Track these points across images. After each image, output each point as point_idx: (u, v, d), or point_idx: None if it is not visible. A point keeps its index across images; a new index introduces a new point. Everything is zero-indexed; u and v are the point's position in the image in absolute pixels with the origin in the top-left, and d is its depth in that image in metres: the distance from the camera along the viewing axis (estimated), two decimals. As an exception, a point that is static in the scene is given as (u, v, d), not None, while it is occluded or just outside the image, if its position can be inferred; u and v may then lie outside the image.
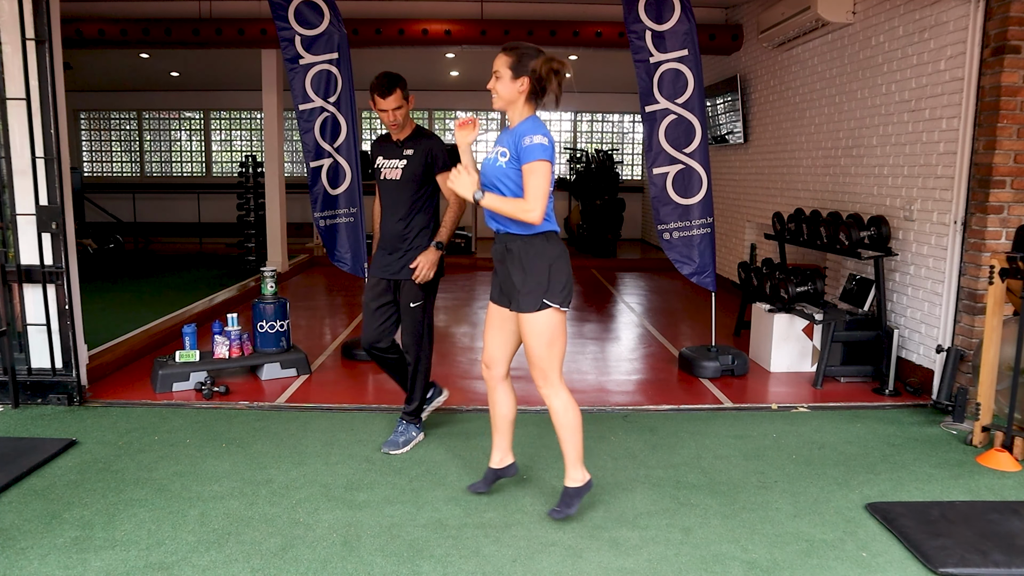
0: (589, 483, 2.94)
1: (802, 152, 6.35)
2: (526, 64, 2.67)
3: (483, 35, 7.48)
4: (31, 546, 2.67)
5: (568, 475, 2.91)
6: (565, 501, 2.90)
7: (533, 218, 2.63)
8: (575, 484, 2.90)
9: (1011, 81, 3.97)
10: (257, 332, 4.83)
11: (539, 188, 2.62)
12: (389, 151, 3.58)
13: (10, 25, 3.93)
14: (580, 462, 2.90)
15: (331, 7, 5.13)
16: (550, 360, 2.78)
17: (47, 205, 4.07)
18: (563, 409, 2.81)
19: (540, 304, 2.72)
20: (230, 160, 14.06)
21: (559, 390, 2.80)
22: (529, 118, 2.73)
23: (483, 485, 3.12)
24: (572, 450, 2.87)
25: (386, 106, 3.44)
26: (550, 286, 2.73)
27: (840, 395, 4.59)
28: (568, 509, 2.89)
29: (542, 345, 2.76)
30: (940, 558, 2.62)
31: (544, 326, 2.75)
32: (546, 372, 2.79)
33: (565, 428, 2.83)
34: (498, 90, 2.71)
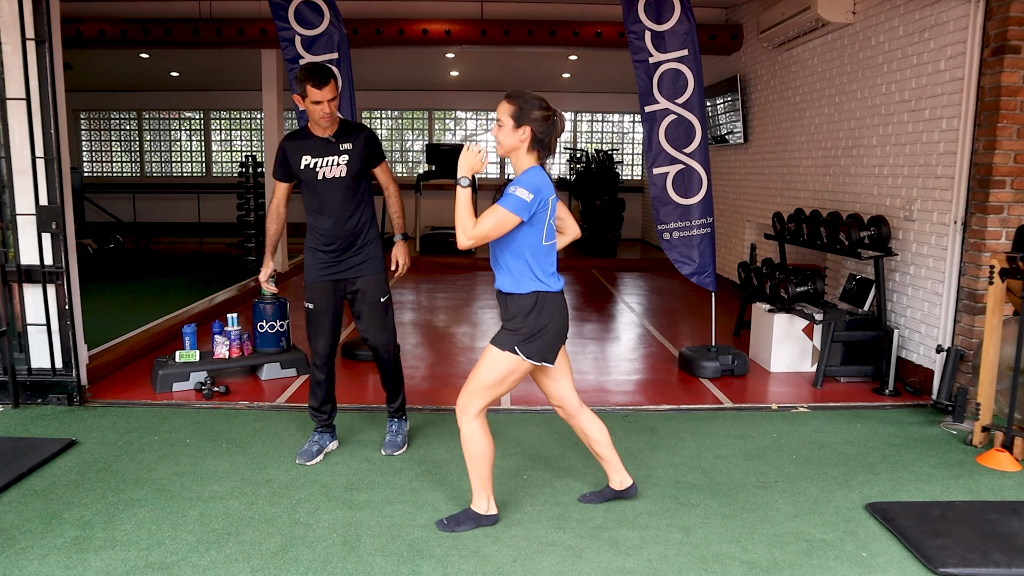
0: (493, 517, 2.87)
1: (802, 152, 6.35)
2: (528, 113, 2.63)
3: (483, 35, 7.47)
4: (31, 546, 2.67)
5: (473, 499, 2.87)
6: (458, 517, 2.87)
7: (461, 243, 2.62)
8: (478, 510, 2.86)
9: (1011, 81, 3.97)
10: (257, 332, 4.83)
11: (487, 227, 2.59)
12: (319, 149, 3.34)
13: (10, 25, 3.93)
14: (485, 492, 2.84)
15: (331, 7, 5.13)
16: (483, 395, 2.74)
17: (47, 205, 4.07)
18: (469, 438, 2.77)
19: (511, 348, 2.70)
20: (230, 160, 14.06)
21: (471, 419, 2.76)
22: (531, 169, 2.66)
23: (597, 499, 3.08)
24: (476, 478, 2.83)
25: (322, 97, 3.21)
26: (530, 338, 2.69)
27: (840, 395, 4.59)
28: (456, 526, 2.84)
29: (488, 380, 2.73)
30: (940, 558, 2.62)
31: (502, 367, 2.71)
32: (470, 403, 2.75)
33: (469, 456, 2.80)
34: (500, 139, 2.67)
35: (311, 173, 3.35)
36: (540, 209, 2.64)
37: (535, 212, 2.62)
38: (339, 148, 3.36)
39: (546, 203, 2.65)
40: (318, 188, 3.37)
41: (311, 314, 3.49)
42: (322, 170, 3.34)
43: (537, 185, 2.61)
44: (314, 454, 3.50)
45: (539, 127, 2.65)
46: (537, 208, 2.62)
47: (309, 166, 3.35)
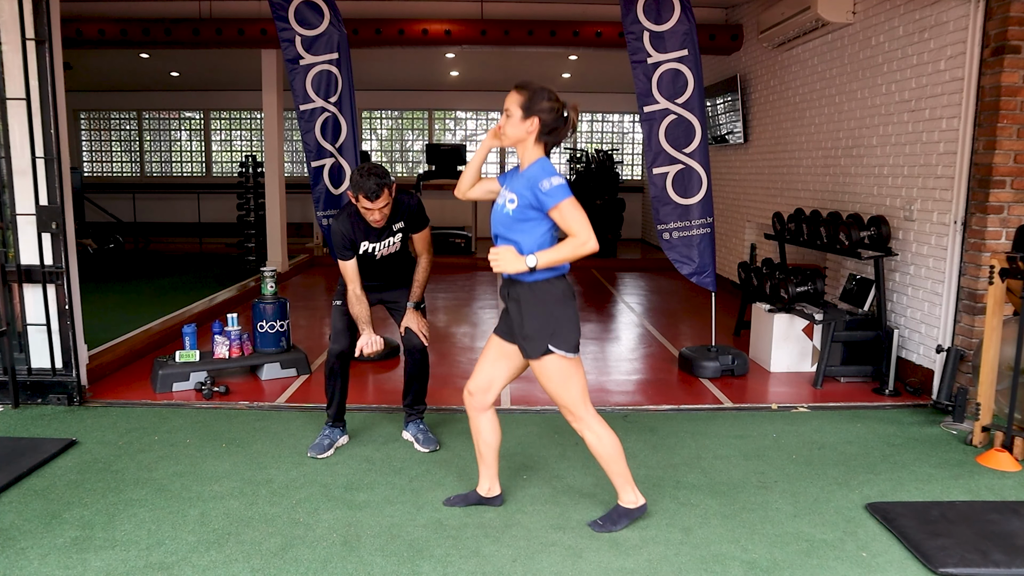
0: (643, 507, 2.88)
1: (802, 152, 6.35)
2: (537, 104, 2.63)
3: (483, 35, 7.47)
4: (31, 546, 2.67)
5: (620, 496, 2.88)
6: (612, 517, 2.88)
7: (592, 247, 2.58)
8: (627, 505, 2.87)
9: (1011, 81, 3.97)
10: (257, 332, 4.83)
11: (581, 220, 2.58)
12: (373, 234, 3.51)
13: (10, 25, 3.93)
14: (629, 484, 2.86)
15: (331, 7, 5.13)
16: (571, 398, 2.74)
17: (47, 205, 4.07)
18: (596, 441, 2.78)
19: (545, 349, 2.69)
20: (230, 160, 14.06)
21: (589, 423, 2.77)
22: (538, 161, 2.66)
23: (461, 502, 3.06)
24: (617, 476, 2.84)
25: (374, 207, 3.32)
26: (555, 332, 2.68)
27: (840, 395, 4.59)
28: (612, 526, 2.86)
29: (558, 387, 2.74)
30: (940, 558, 2.62)
31: (554, 370, 2.71)
32: (571, 409, 2.77)
33: (603, 458, 2.81)
34: (507, 129, 2.67)
35: (370, 255, 3.58)
36: None
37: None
38: (392, 229, 3.56)
39: None
40: (374, 261, 3.62)
41: (338, 310, 3.60)
42: (380, 252, 3.58)
43: (555, 171, 2.62)
44: (325, 448, 3.56)
45: (547, 118, 2.64)
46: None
47: (368, 251, 3.57)
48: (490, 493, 3.04)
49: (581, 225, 2.57)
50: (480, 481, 3.05)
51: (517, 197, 2.65)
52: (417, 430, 3.73)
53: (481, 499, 3.04)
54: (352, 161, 5.31)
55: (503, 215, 2.69)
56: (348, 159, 5.29)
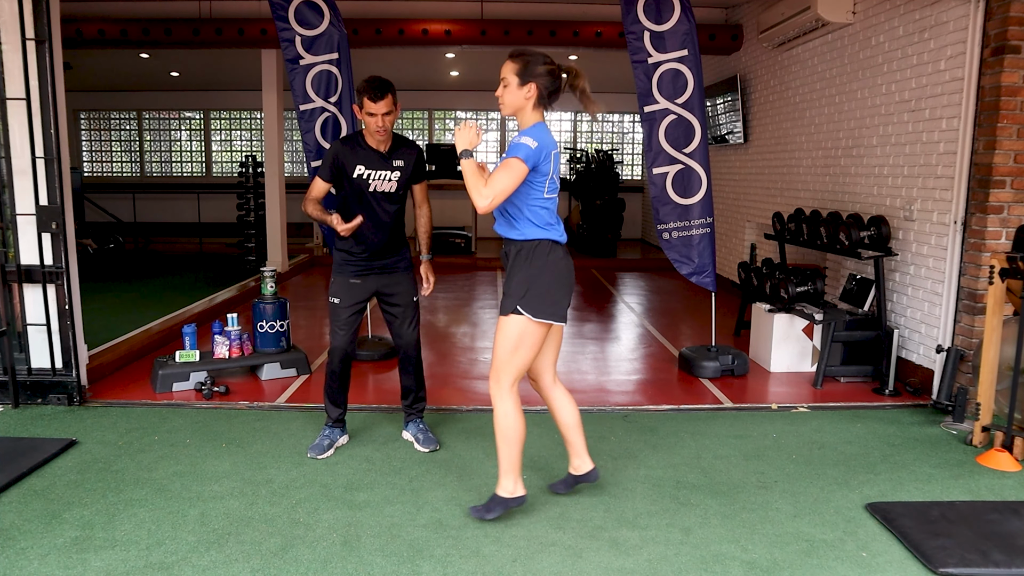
0: (520, 499, 2.87)
1: (802, 152, 6.35)
2: (533, 70, 2.66)
3: (483, 35, 7.47)
4: (31, 546, 2.67)
5: (499, 482, 2.87)
6: (488, 505, 2.87)
7: (479, 206, 2.61)
8: (503, 493, 2.86)
9: (1011, 81, 3.97)
10: (257, 332, 4.83)
11: (500, 181, 2.60)
12: (373, 161, 3.43)
13: (10, 25, 3.93)
14: (512, 473, 2.84)
15: (331, 7, 5.13)
16: (508, 365, 2.76)
17: (47, 205, 4.07)
18: (503, 415, 2.78)
19: (513, 309, 2.71)
20: (230, 160, 14.07)
21: (505, 396, 2.77)
22: (535, 124, 2.70)
23: (563, 487, 3.10)
24: (504, 459, 2.83)
25: (377, 110, 3.30)
26: (527, 294, 2.70)
27: (840, 395, 4.59)
28: (487, 513, 2.84)
29: (505, 349, 2.75)
30: (940, 558, 2.62)
31: (512, 332, 2.73)
32: (499, 375, 2.77)
33: (501, 435, 2.80)
34: (505, 98, 2.70)
35: (362, 183, 3.45)
36: (543, 161, 2.67)
37: (539, 162, 2.65)
38: (392, 164, 3.47)
39: (549, 155, 2.69)
40: (365, 198, 3.46)
41: (335, 308, 3.55)
42: (374, 183, 3.45)
43: (541, 136, 2.64)
44: (325, 448, 3.56)
45: (544, 83, 2.68)
46: (540, 159, 2.65)
47: (362, 176, 3.43)
48: (580, 470, 3.06)
49: (495, 184, 2.61)
50: (571, 459, 3.07)
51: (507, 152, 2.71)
52: (417, 430, 3.73)
53: (576, 479, 3.07)
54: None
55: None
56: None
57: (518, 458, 2.84)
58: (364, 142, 3.45)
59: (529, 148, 2.61)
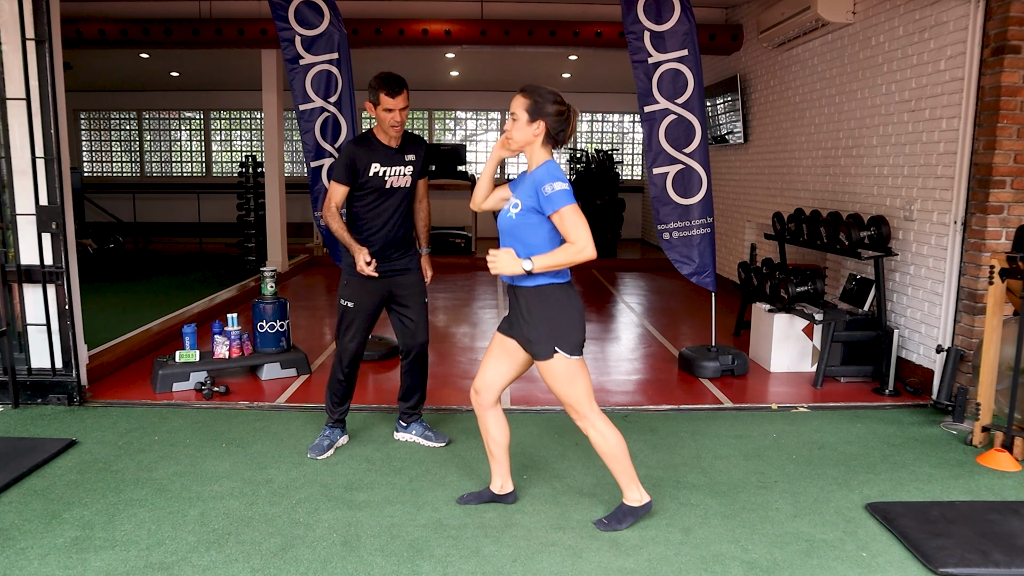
0: (647, 505, 2.88)
1: (802, 152, 6.35)
2: (542, 108, 2.64)
3: (483, 35, 7.47)
4: (31, 546, 2.67)
5: (625, 494, 2.88)
6: (617, 516, 2.88)
7: (589, 254, 2.58)
8: (631, 503, 2.88)
9: (1011, 81, 3.97)
10: (257, 332, 4.83)
11: (580, 227, 2.58)
12: (386, 157, 3.44)
13: (10, 25, 3.93)
14: (634, 483, 2.86)
15: (331, 7, 5.13)
16: (576, 397, 2.76)
17: (47, 205, 4.07)
18: (600, 439, 2.79)
19: (552, 352, 2.71)
20: (230, 160, 14.07)
21: (593, 421, 2.78)
22: (544, 164, 2.67)
23: (475, 499, 3.07)
24: (621, 474, 2.84)
25: (395, 105, 3.32)
26: (559, 335, 2.70)
27: (840, 395, 4.59)
28: (618, 524, 2.86)
29: (564, 386, 2.75)
30: (940, 558, 2.61)
31: (560, 370, 2.73)
32: (575, 408, 2.78)
33: (607, 456, 2.82)
34: (513, 133, 2.68)
35: (380, 181, 3.45)
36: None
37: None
38: (404, 158, 3.47)
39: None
40: (383, 195, 3.46)
41: (348, 312, 3.52)
42: (390, 179, 3.46)
43: (561, 175, 2.64)
44: (325, 448, 3.55)
45: (553, 122, 2.66)
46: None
47: (379, 174, 3.43)
48: (503, 490, 3.05)
49: (580, 232, 2.58)
50: (492, 479, 3.06)
51: (521, 201, 2.68)
52: (424, 428, 3.74)
53: (495, 496, 3.05)
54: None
55: (507, 219, 2.72)
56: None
57: (631, 467, 2.85)
58: (376, 140, 3.45)
59: (569, 192, 2.60)
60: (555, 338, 2.70)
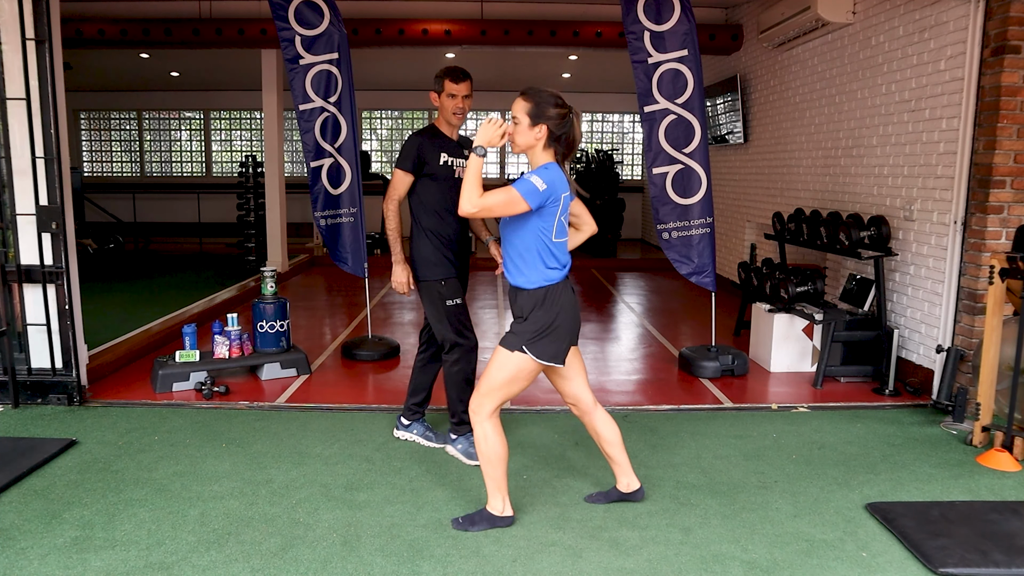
0: (508, 519, 2.85)
1: (802, 152, 6.35)
2: (544, 111, 2.64)
3: (483, 35, 7.47)
4: (31, 546, 2.67)
5: (488, 500, 2.86)
6: (473, 517, 2.86)
7: (463, 208, 2.60)
8: (493, 511, 2.84)
9: (1011, 81, 3.97)
10: (257, 332, 4.83)
11: (494, 200, 2.59)
12: (453, 149, 3.47)
13: (10, 25, 3.93)
14: (500, 493, 2.83)
15: (331, 7, 5.13)
16: (494, 395, 2.74)
17: (47, 205, 4.07)
18: (483, 439, 2.77)
19: (519, 347, 2.70)
20: (230, 160, 14.07)
21: (485, 421, 2.76)
22: (546, 164, 2.67)
23: (603, 499, 3.06)
24: (490, 479, 2.81)
25: (459, 91, 3.36)
26: (538, 338, 2.70)
27: (840, 395, 4.59)
28: (470, 525, 2.83)
29: (497, 381, 2.73)
30: (940, 558, 2.61)
31: (511, 366, 2.72)
32: (483, 403, 2.75)
33: (484, 458, 2.79)
34: (515, 137, 2.68)
35: (449, 171, 3.44)
36: (551, 203, 2.64)
37: (545, 204, 2.63)
38: (464, 152, 3.51)
39: (558, 199, 2.65)
40: (450, 185, 3.45)
41: (459, 308, 3.46)
42: (457, 169, 3.46)
43: (552, 179, 2.62)
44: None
45: (555, 125, 2.66)
46: (548, 201, 2.62)
47: (448, 163, 3.44)
48: (629, 488, 3.03)
49: (488, 198, 2.60)
50: (618, 479, 3.04)
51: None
52: (424, 428, 3.74)
53: (622, 495, 3.05)
54: (352, 161, 5.30)
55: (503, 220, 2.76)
56: (348, 159, 5.29)
57: (503, 477, 2.83)
58: (439, 132, 3.50)
59: (535, 188, 2.58)
60: (529, 339, 2.70)
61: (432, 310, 3.49)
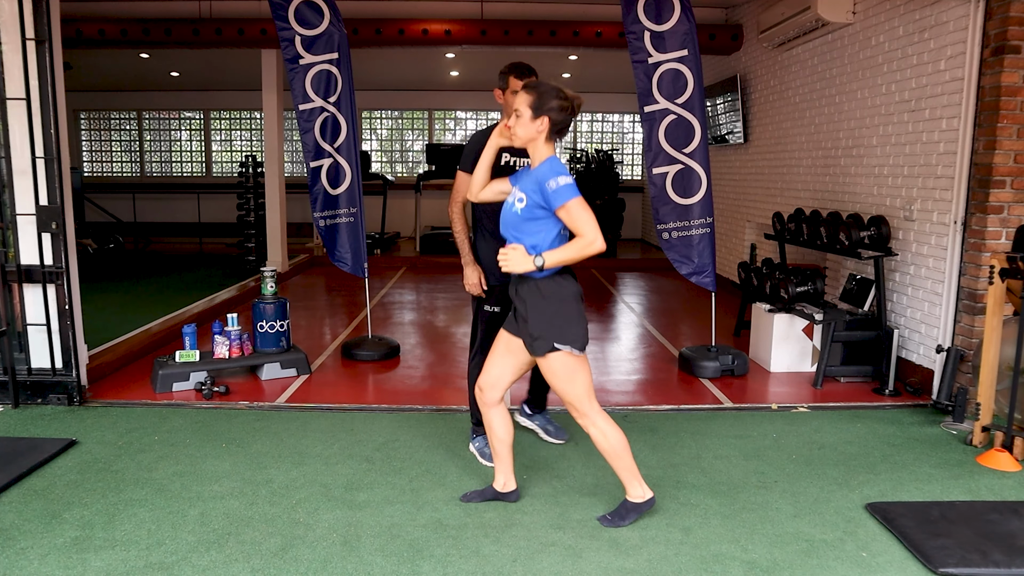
0: (651, 500, 2.89)
1: (802, 152, 6.35)
2: (546, 104, 2.64)
3: (483, 35, 7.47)
4: (31, 546, 2.67)
5: (628, 491, 2.89)
6: (620, 512, 2.89)
7: (599, 247, 2.59)
8: (634, 499, 2.88)
9: (1011, 81, 3.97)
10: (257, 332, 4.83)
11: (588, 220, 2.58)
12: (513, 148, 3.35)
13: (10, 25, 3.93)
14: (636, 479, 2.86)
15: (331, 7, 5.13)
16: (575, 394, 2.77)
17: (47, 205, 4.07)
18: (600, 436, 2.80)
19: (551, 347, 2.71)
20: (230, 160, 14.06)
21: (594, 419, 2.79)
22: (547, 160, 2.68)
23: (478, 497, 3.07)
24: (623, 471, 2.85)
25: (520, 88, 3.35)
26: (560, 330, 2.71)
27: (840, 395, 4.59)
28: (620, 521, 2.87)
29: (564, 383, 2.76)
30: (940, 558, 2.61)
31: (559, 367, 2.74)
32: (575, 405, 2.79)
33: (608, 454, 2.82)
34: (517, 130, 2.68)
35: (509, 170, 3.39)
36: None
37: None
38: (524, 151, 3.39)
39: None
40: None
41: (496, 317, 3.45)
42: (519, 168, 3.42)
43: (564, 169, 2.64)
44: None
45: (557, 117, 2.67)
46: None
47: (509, 163, 3.40)
48: (505, 488, 3.05)
49: (588, 225, 2.58)
50: (496, 476, 3.06)
51: (526, 196, 2.68)
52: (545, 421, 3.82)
53: (497, 494, 3.05)
54: (351, 161, 5.30)
55: (512, 214, 2.73)
56: (347, 159, 5.29)
57: (634, 464, 2.85)
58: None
59: (574, 186, 2.60)
60: (555, 334, 2.71)
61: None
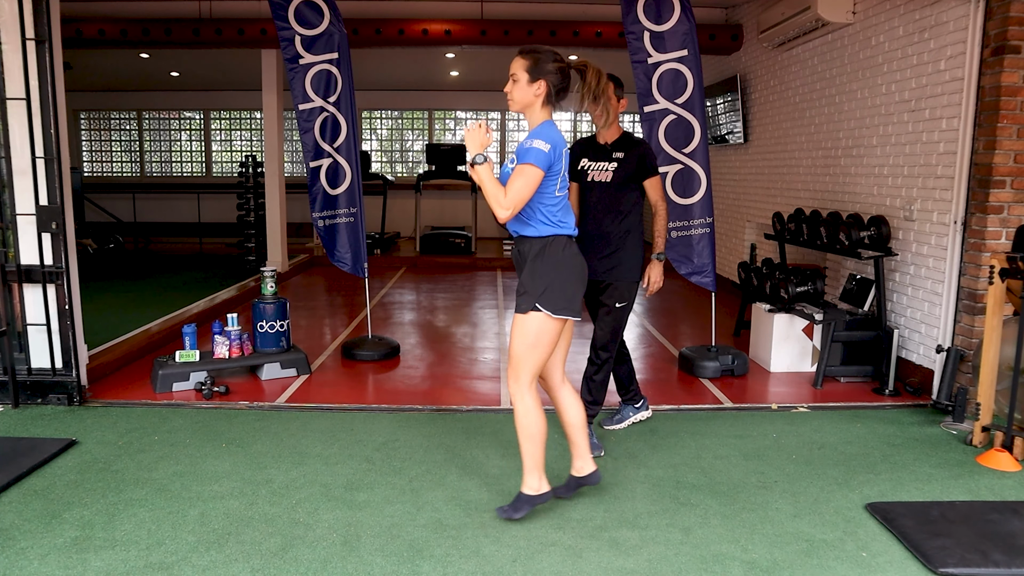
0: (546, 495, 2.88)
1: (802, 152, 6.35)
2: (543, 67, 2.67)
3: (483, 35, 7.47)
4: (31, 546, 2.67)
5: (524, 480, 2.88)
6: (514, 504, 2.88)
7: (500, 216, 2.65)
8: (528, 491, 2.87)
9: (1011, 81, 3.97)
10: (257, 332, 4.83)
11: (519, 191, 2.62)
12: (596, 153, 3.55)
13: (10, 25, 3.93)
14: (537, 470, 2.86)
15: (331, 7, 5.13)
16: (526, 362, 2.77)
17: (47, 205, 4.07)
18: (524, 413, 2.79)
19: (532, 307, 2.72)
20: (230, 160, 14.07)
21: (525, 394, 2.78)
22: (543, 123, 2.71)
23: (565, 491, 3.06)
24: (528, 457, 2.84)
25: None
26: (546, 291, 2.72)
27: (840, 395, 4.59)
28: (514, 512, 2.86)
29: (524, 346, 2.76)
30: (940, 558, 2.62)
31: (531, 329, 2.74)
32: (519, 373, 2.78)
33: (523, 432, 2.81)
34: (514, 94, 2.71)
35: (582, 175, 3.56)
36: (556, 160, 2.68)
37: (552, 162, 2.66)
38: (611, 155, 3.54)
39: (561, 154, 2.70)
40: (585, 188, 3.57)
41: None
42: (592, 173, 3.54)
43: (552, 136, 2.66)
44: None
45: (554, 80, 2.70)
46: (553, 159, 2.66)
47: (582, 168, 3.57)
48: (582, 472, 3.04)
49: (514, 194, 2.62)
50: (573, 461, 3.05)
51: (517, 156, 2.72)
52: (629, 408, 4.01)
53: (578, 480, 3.05)
54: (351, 161, 5.30)
55: (505, 173, 2.77)
56: (347, 159, 5.29)
57: (542, 455, 2.85)
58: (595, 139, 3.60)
59: (542, 152, 2.62)
60: (541, 293, 2.72)
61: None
